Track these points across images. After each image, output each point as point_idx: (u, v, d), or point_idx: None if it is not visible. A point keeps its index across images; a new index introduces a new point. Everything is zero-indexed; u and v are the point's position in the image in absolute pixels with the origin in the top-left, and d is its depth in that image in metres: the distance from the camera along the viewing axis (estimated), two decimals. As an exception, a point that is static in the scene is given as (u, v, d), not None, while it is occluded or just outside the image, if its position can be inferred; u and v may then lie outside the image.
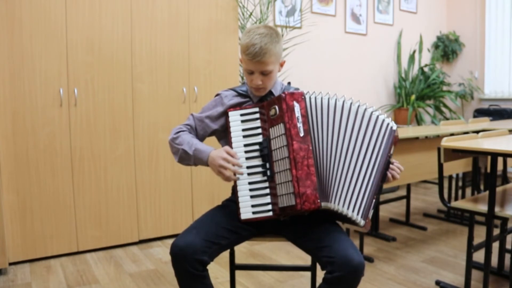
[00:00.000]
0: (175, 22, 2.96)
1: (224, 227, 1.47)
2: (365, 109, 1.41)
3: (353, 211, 1.37)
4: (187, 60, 3.01)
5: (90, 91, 2.72)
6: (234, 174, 1.44)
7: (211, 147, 1.49)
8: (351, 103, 1.41)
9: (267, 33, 1.47)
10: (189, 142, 1.51)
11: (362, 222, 1.38)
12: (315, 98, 1.41)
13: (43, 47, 2.56)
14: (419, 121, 4.91)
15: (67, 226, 2.71)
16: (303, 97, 1.39)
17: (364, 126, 1.40)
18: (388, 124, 1.42)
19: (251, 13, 3.52)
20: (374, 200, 1.41)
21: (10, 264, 2.57)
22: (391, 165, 1.48)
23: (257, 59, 1.46)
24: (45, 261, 2.66)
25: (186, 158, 1.52)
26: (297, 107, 1.37)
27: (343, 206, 1.37)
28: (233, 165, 1.43)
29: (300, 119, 1.37)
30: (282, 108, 1.37)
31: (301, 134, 1.35)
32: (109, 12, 2.73)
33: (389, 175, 1.48)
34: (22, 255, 2.60)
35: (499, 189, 2.35)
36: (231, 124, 1.50)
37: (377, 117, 1.41)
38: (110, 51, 2.75)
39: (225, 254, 1.63)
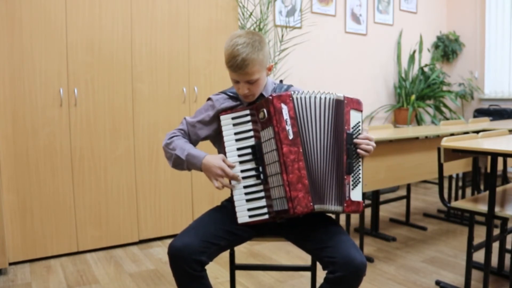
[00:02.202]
0: (175, 22, 2.95)
1: (223, 228, 1.47)
2: (324, 97, 1.39)
3: (329, 204, 1.36)
4: (187, 60, 3.01)
5: (90, 91, 2.72)
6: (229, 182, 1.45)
7: (204, 153, 1.48)
8: (320, 96, 1.39)
9: (249, 42, 1.41)
10: (182, 147, 1.50)
11: (339, 208, 1.36)
12: (301, 98, 1.38)
13: (43, 47, 2.56)
14: (419, 121, 4.91)
15: (67, 226, 2.71)
16: (291, 98, 1.36)
17: (322, 112, 1.38)
18: (329, 98, 1.39)
19: (251, 13, 3.52)
20: (347, 180, 1.36)
21: (10, 264, 2.57)
22: (356, 140, 1.39)
23: (239, 72, 1.42)
24: (45, 261, 2.66)
25: (179, 163, 1.52)
26: (285, 109, 1.35)
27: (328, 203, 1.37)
28: (230, 177, 1.43)
29: (289, 122, 1.34)
30: (270, 111, 1.35)
31: (290, 137, 1.34)
32: (109, 12, 2.73)
33: (360, 151, 1.40)
34: (22, 255, 2.60)
35: (499, 189, 2.35)
36: (223, 128, 1.49)
37: (324, 97, 1.38)
38: (110, 51, 2.75)
39: (225, 254, 1.63)
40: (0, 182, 2.48)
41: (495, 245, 2.67)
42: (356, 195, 1.38)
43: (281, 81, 1.72)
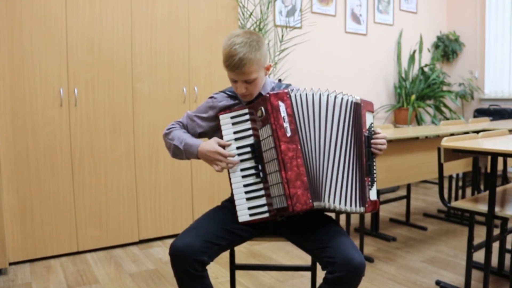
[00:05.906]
0: (175, 22, 2.95)
1: (224, 228, 1.47)
2: (335, 97, 1.40)
3: (350, 205, 1.37)
4: (187, 60, 3.01)
5: (90, 91, 2.72)
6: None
7: (200, 141, 1.52)
8: (328, 95, 1.40)
9: (246, 42, 1.42)
10: (180, 137, 1.54)
11: (362, 209, 1.38)
12: (300, 95, 1.38)
13: (43, 47, 2.56)
14: (419, 121, 4.91)
15: (67, 226, 2.71)
16: (288, 95, 1.36)
17: (337, 113, 1.39)
18: (347, 100, 1.40)
19: (251, 13, 3.52)
20: (367, 181, 1.38)
21: (10, 264, 2.57)
22: (374, 141, 1.43)
23: (236, 71, 1.43)
24: (45, 261, 2.66)
25: (178, 153, 1.56)
26: (282, 107, 1.35)
27: (334, 202, 1.36)
28: (226, 157, 1.45)
29: (287, 119, 1.34)
30: (267, 109, 1.35)
31: (288, 134, 1.34)
32: (109, 12, 2.73)
33: (375, 151, 1.43)
34: (22, 255, 2.60)
35: (499, 189, 2.35)
36: (222, 127, 1.50)
37: (340, 98, 1.39)
38: (110, 51, 2.75)
39: (225, 254, 1.63)
40: (0, 182, 2.48)
41: (495, 245, 2.67)
42: (373, 194, 1.41)
43: (279, 80, 1.72)
